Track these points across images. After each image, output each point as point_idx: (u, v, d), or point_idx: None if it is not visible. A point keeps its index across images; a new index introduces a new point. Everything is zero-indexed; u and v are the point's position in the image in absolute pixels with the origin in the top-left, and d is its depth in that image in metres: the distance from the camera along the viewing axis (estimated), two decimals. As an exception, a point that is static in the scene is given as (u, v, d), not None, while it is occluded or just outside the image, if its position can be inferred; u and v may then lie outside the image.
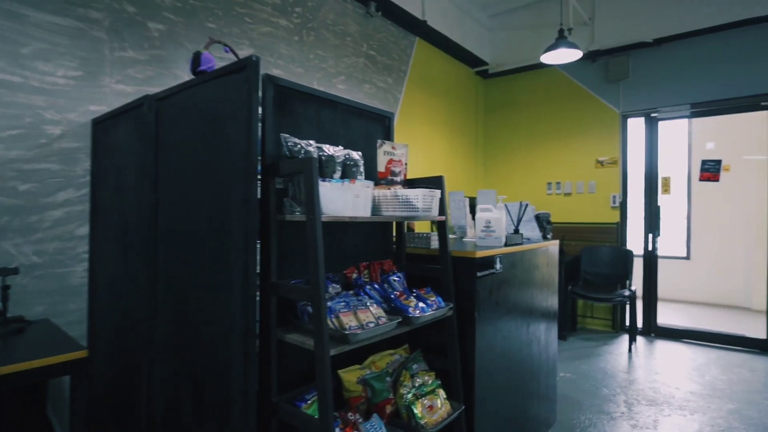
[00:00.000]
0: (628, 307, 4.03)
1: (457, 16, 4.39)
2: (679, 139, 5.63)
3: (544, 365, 2.41)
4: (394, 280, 1.63)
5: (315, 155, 1.37)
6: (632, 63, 4.29)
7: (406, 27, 3.99)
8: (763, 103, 3.82)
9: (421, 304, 1.51)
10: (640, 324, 4.31)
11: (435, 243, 1.81)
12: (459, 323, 1.69)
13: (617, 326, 4.43)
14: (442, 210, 1.66)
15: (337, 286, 1.51)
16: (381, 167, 1.66)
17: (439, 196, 1.54)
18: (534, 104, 4.94)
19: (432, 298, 1.57)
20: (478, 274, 1.67)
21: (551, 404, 2.52)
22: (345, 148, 1.58)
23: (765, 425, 2.48)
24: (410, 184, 1.75)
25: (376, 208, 1.50)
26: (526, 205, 2.23)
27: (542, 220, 2.83)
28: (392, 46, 3.90)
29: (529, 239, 2.40)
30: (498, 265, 1.82)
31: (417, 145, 4.17)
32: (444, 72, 4.59)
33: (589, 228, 4.55)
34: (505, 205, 2.22)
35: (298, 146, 1.32)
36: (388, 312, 1.47)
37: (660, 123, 4.30)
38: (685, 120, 5.05)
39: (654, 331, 4.28)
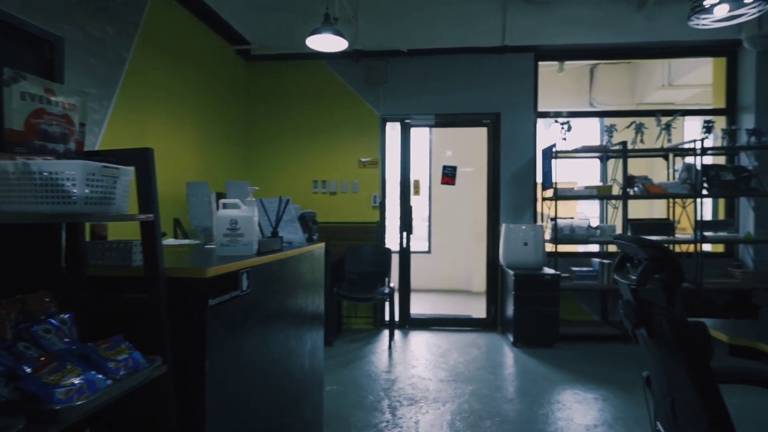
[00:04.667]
0: (387, 303, 4.16)
1: (210, -26, 3.63)
2: (422, 146, 6.39)
3: (310, 392, 2.02)
4: (46, 332, 0.89)
5: None
6: (390, 69, 4.48)
7: (135, -36, 3.00)
8: (484, 121, 4.57)
9: (96, 375, 0.83)
10: (397, 317, 4.55)
11: (139, 258, 1.13)
12: (179, 384, 1.08)
13: (378, 322, 4.56)
14: (149, 203, 1.02)
15: None
16: (15, 122, 0.88)
17: (130, 177, 0.90)
18: (301, 97, 4.63)
19: (121, 356, 0.91)
20: (211, 302, 1.10)
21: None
22: None
23: (494, 398, 2.79)
24: (90, 158, 1.02)
25: (-21, 198, 0.74)
26: (287, 200, 1.79)
27: (308, 220, 2.47)
28: (113, -17, 2.85)
29: (290, 243, 1.97)
30: (245, 284, 1.30)
31: (153, 126, 3.21)
32: (195, 40, 3.74)
33: (353, 228, 4.54)
34: (260, 201, 1.71)
35: None
36: (10, 403, 0.74)
37: (412, 129, 4.64)
38: (427, 128, 5.69)
39: (408, 323, 4.58)
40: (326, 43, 3.35)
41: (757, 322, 3.74)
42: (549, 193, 4.12)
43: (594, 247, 4.59)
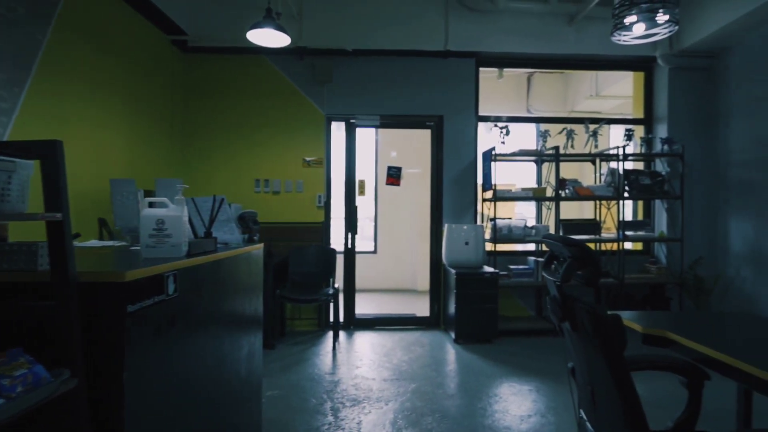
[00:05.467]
0: (332, 304, 4.12)
1: (142, -42, 3.41)
2: (368, 146, 6.41)
3: (247, 399, 1.95)
4: (-76, 347, 0.78)
5: None
6: (335, 68, 4.45)
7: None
8: (428, 123, 4.66)
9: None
10: (341, 317, 4.52)
11: (45, 261, 1.03)
12: (95, 398, 0.99)
13: (322, 323, 4.51)
14: (57, 201, 0.93)
15: None
16: None
17: (30, 172, 0.81)
18: (243, 93, 4.47)
19: (19, 371, 0.82)
20: (131, 307, 1.02)
21: (256, 440, 2.10)
22: None
23: (435, 395, 2.85)
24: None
25: None
26: (222, 199, 1.71)
27: (248, 220, 2.39)
28: (25, -42, 2.58)
29: (226, 244, 1.89)
30: (171, 287, 1.22)
31: (74, 117, 2.95)
32: (123, 28, 3.49)
33: (298, 228, 4.45)
34: (192, 200, 1.62)
35: None
36: None
37: (357, 129, 4.63)
38: (373, 129, 5.71)
39: (353, 323, 4.57)
40: (268, 37, 3.25)
41: (668, 313, 4.12)
42: (489, 194, 4.28)
43: (530, 246, 4.83)
